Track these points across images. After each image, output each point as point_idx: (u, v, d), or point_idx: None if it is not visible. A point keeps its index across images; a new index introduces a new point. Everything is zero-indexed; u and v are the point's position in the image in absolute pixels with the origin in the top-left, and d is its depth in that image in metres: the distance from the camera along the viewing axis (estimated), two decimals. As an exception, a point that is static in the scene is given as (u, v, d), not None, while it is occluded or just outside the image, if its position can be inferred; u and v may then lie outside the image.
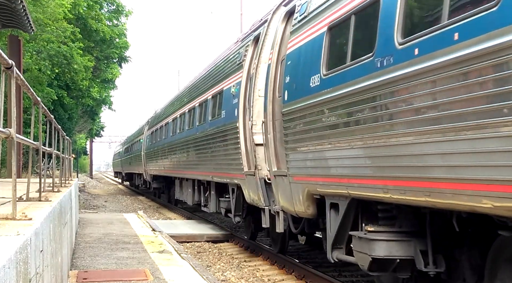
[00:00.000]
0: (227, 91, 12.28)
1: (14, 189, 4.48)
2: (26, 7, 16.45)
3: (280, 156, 8.88)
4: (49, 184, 8.99)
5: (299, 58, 8.06)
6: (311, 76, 7.40)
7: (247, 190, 10.76)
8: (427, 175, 5.02)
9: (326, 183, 7.10)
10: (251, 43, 11.17)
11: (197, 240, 14.54)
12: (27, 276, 3.44)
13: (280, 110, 8.65)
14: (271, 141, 9.15)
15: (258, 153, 9.96)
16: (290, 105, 8.13)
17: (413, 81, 5.10)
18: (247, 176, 10.57)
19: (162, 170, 23.25)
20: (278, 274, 10.40)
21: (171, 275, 8.20)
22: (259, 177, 9.88)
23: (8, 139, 4.45)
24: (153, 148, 26.15)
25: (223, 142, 12.34)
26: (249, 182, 10.51)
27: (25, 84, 5.56)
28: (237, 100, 11.25)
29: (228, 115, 11.98)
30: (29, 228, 3.83)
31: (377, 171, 5.83)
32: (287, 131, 8.28)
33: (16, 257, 3.06)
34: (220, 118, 12.67)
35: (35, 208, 5.44)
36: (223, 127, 12.30)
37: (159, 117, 26.24)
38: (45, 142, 8.46)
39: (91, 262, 9.36)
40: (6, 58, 4.25)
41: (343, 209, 6.81)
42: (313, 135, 7.33)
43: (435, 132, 4.85)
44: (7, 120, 10.17)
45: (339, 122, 6.60)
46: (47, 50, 23.56)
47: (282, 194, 8.79)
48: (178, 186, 20.66)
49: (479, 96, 4.37)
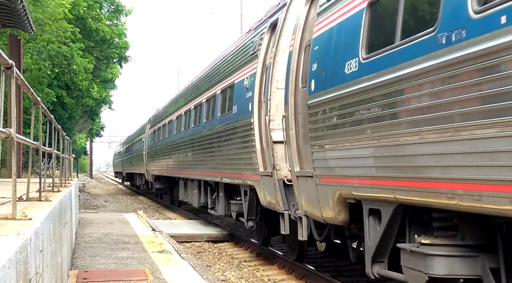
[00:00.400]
0: (239, 85, 11.36)
1: (14, 189, 4.48)
2: (26, 7, 16.45)
3: (303, 154, 7.99)
4: (49, 184, 8.99)
5: (330, 41, 7.03)
6: (346, 61, 6.39)
7: (262, 193, 9.94)
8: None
9: (365, 185, 6.10)
10: (267, 31, 10.26)
11: (197, 240, 14.54)
12: (27, 276, 3.44)
13: (304, 103, 7.74)
14: (292, 138, 8.20)
15: (277, 151, 9.12)
16: (317, 96, 7.18)
17: (497, 58, 4.10)
18: (262, 177, 9.78)
19: (165, 170, 22.40)
20: (278, 274, 10.40)
21: (171, 275, 8.20)
22: (278, 178, 9.05)
23: (8, 139, 4.45)
24: (156, 147, 25.32)
25: (235, 140, 11.50)
26: (265, 183, 9.71)
27: (25, 84, 5.56)
28: (251, 93, 10.39)
29: (240, 110, 11.11)
30: (29, 228, 3.83)
31: (442, 172, 4.79)
32: (313, 125, 7.34)
33: (16, 257, 3.06)
34: (231, 114, 11.81)
35: (35, 208, 5.44)
36: (235, 123, 11.45)
37: (161, 115, 25.37)
38: (45, 142, 8.46)
39: (91, 262, 9.36)
40: (6, 58, 4.25)
41: (387, 216, 5.85)
42: (349, 130, 6.33)
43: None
44: (7, 120, 10.16)
45: (387, 113, 5.55)
46: (47, 50, 23.56)
47: (306, 197, 7.86)
48: (182, 187, 19.87)
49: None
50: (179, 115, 19.50)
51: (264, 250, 12.20)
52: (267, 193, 9.66)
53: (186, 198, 19.30)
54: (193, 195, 17.27)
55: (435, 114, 4.78)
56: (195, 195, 16.98)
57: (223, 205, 13.58)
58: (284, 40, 9.43)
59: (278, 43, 9.52)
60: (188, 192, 18.63)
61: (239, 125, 11.08)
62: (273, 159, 9.15)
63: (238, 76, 11.66)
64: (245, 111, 10.68)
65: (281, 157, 8.98)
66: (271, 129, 9.26)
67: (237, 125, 11.24)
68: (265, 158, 9.79)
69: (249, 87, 10.58)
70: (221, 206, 13.72)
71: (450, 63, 4.61)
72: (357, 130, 6.16)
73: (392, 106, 5.46)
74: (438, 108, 4.75)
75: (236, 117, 11.40)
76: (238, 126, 11.16)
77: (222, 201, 13.63)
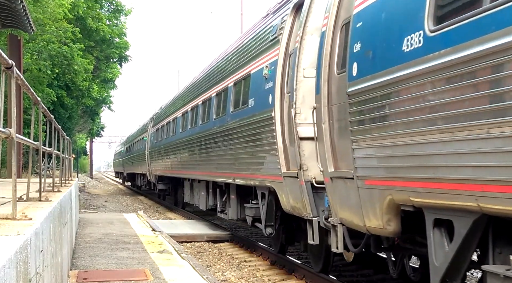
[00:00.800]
0: (257, 75, 10.31)
1: (14, 189, 4.48)
2: (26, 7, 16.46)
3: (339, 152, 6.93)
4: (49, 184, 8.99)
5: (379, 15, 5.89)
6: (405, 36, 5.26)
7: (284, 196, 8.89)
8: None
9: (432, 190, 4.95)
10: (291, 13, 9.23)
11: (197, 240, 14.54)
12: (27, 276, 3.44)
13: (341, 91, 6.69)
14: (325, 133, 7.11)
15: (304, 149, 8.03)
16: (362, 81, 6.03)
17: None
18: (285, 179, 8.75)
19: (169, 171, 21.36)
20: (278, 274, 10.40)
21: (171, 275, 8.20)
22: (305, 180, 7.96)
23: (8, 139, 4.45)
24: (159, 147, 24.22)
25: (251, 136, 10.44)
26: (288, 185, 8.67)
27: (25, 84, 5.56)
28: (271, 84, 9.38)
29: (258, 104, 10.06)
30: (29, 228, 3.83)
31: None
32: (355, 117, 6.20)
33: (16, 257, 3.06)
34: (246, 108, 10.75)
35: (35, 208, 5.44)
36: (251, 118, 10.37)
37: (166, 112, 24.13)
38: (45, 142, 8.45)
39: (91, 262, 9.36)
40: (6, 58, 4.25)
41: (464, 229, 4.74)
42: (408, 121, 5.19)
43: None
44: (7, 120, 10.16)
45: (470, 97, 4.38)
46: (47, 50, 23.58)
47: (342, 202, 6.75)
48: (188, 188, 18.89)
49: None
50: (185, 111, 18.41)
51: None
52: (291, 196, 8.63)
53: (192, 200, 18.39)
54: (200, 197, 16.39)
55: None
56: (202, 197, 16.08)
57: (235, 209, 12.60)
58: (312, 22, 8.35)
59: (305, 25, 8.39)
60: (194, 194, 17.73)
61: (256, 120, 10.03)
62: (300, 158, 8.04)
63: (255, 65, 10.61)
64: (264, 104, 9.63)
65: (309, 155, 7.95)
66: (297, 123, 8.13)
67: (254, 120, 10.18)
68: (288, 157, 8.85)
69: (268, 77, 9.58)
70: (232, 209, 12.74)
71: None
72: (421, 121, 5.00)
73: (481, 87, 4.29)
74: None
75: (252, 112, 10.35)
76: (255, 121, 10.10)
77: (234, 204, 12.66)
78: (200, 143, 15.24)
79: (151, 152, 26.86)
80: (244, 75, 11.33)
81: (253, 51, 10.93)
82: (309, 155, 7.98)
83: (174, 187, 24.06)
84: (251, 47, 11.22)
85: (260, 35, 10.66)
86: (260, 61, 10.25)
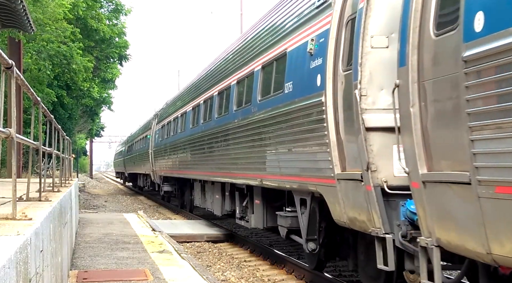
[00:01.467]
0: (296, 52, 8.59)
1: (14, 189, 4.48)
2: (26, 7, 16.46)
3: (438, 146, 5.25)
4: (49, 184, 8.99)
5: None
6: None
7: (338, 204, 7.13)
8: None
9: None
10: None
11: (197, 240, 14.54)
12: (27, 276, 3.44)
13: (444, 59, 5.08)
14: (415, 120, 5.44)
15: (372, 143, 6.33)
16: (495, 38, 4.25)
17: None
18: (340, 182, 7.02)
19: (177, 171, 19.63)
20: (278, 274, 10.40)
21: (171, 275, 8.20)
22: (373, 184, 6.23)
23: (8, 139, 4.45)
24: (165, 145, 22.47)
25: (287, 129, 8.72)
26: (344, 190, 6.94)
27: (25, 84, 5.56)
28: (320, 60, 7.58)
29: (299, 88, 8.33)
30: (29, 228, 3.83)
31: None
32: (480, 93, 4.46)
33: (16, 257, 3.06)
34: (281, 95, 9.06)
35: (35, 208, 5.44)
36: (288, 106, 8.67)
37: (172, 107, 22.24)
38: (45, 142, 8.46)
39: (91, 262, 9.36)
40: (6, 58, 4.25)
41: None
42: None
43: None
44: (7, 120, 10.16)
45: None
46: (47, 50, 23.58)
47: (444, 216, 5.09)
48: (199, 190, 17.14)
49: None
50: (197, 105, 16.54)
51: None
52: (349, 205, 6.88)
53: (204, 204, 16.59)
54: (214, 201, 14.72)
55: None
56: (217, 200, 14.42)
57: (260, 216, 10.87)
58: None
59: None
60: (206, 197, 16.00)
61: (297, 108, 8.32)
62: (367, 154, 6.30)
63: (293, 41, 8.80)
64: (309, 87, 7.89)
65: (379, 151, 6.32)
66: (363, 109, 6.37)
67: (293, 109, 8.49)
68: (343, 154, 7.09)
69: (315, 52, 7.79)
70: (256, 216, 11.05)
71: None
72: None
73: None
74: None
75: (290, 98, 8.62)
76: (295, 109, 8.40)
77: (258, 210, 10.96)
78: (215, 139, 13.57)
79: (156, 151, 25.18)
80: (277, 54, 9.59)
81: (290, 24, 9.08)
82: (378, 151, 6.33)
83: (181, 189, 22.25)
84: (286, 19, 9.34)
85: (300, 3, 8.78)
86: (302, 35, 8.43)
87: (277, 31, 9.84)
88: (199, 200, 17.19)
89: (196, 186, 17.65)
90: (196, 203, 18.16)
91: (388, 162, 6.27)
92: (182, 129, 18.87)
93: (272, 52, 9.91)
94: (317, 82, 7.63)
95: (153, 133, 26.81)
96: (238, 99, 11.93)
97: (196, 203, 17.97)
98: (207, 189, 15.85)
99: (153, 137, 26.39)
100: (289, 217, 9.25)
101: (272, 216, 10.51)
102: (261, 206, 10.85)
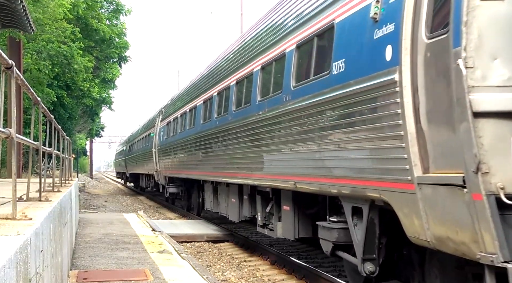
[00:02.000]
0: (350, 22, 6.90)
1: (14, 189, 4.48)
2: (26, 7, 16.47)
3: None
4: (49, 184, 8.99)
5: None
6: None
7: (417, 217, 5.45)
8: None
9: None
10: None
11: (197, 240, 14.54)
12: (27, 276, 3.44)
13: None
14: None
15: (482, 134, 4.68)
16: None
17: None
18: (423, 187, 5.31)
19: (185, 171, 17.94)
20: (278, 274, 10.40)
21: (171, 275, 8.20)
22: (485, 191, 4.57)
23: (8, 139, 4.45)
24: (171, 143, 20.81)
25: (337, 119, 7.00)
26: (429, 199, 5.26)
27: (25, 84, 5.56)
28: (390, 27, 5.93)
29: (355, 66, 6.62)
30: (29, 228, 3.83)
31: None
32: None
33: (16, 257, 3.06)
34: (328, 77, 7.29)
35: (35, 208, 5.44)
36: (339, 91, 6.89)
37: (180, 102, 20.38)
38: (45, 142, 8.46)
39: (91, 262, 9.36)
40: (6, 58, 4.25)
41: None
42: None
43: None
44: (7, 120, 10.16)
45: None
46: (47, 50, 23.60)
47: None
48: (210, 192, 15.55)
49: None
50: (209, 98, 14.76)
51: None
52: (437, 219, 5.19)
53: (216, 208, 14.98)
54: (230, 205, 13.12)
55: None
56: (233, 205, 12.83)
57: (290, 225, 9.42)
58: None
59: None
60: (220, 200, 14.41)
61: (353, 91, 6.58)
62: (476, 150, 4.65)
63: (345, 7, 7.08)
64: (373, 64, 6.21)
65: (493, 145, 4.68)
66: (469, 86, 4.71)
67: (346, 93, 6.73)
68: (425, 150, 5.42)
69: (383, 17, 6.15)
70: (285, 225, 9.60)
71: None
72: None
73: None
74: None
75: (342, 80, 6.88)
76: (350, 94, 6.64)
77: (288, 218, 9.46)
78: (232, 135, 11.99)
79: (161, 149, 23.41)
80: (319, 28, 7.84)
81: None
82: (491, 145, 4.67)
83: (188, 190, 20.54)
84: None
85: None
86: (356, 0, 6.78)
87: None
88: (211, 204, 15.47)
89: (207, 188, 15.88)
90: (207, 207, 16.37)
91: (506, 161, 4.63)
92: (191, 125, 17.06)
93: (313, 25, 8.06)
94: (385, 56, 5.93)
95: (157, 130, 25.26)
96: (262, 88, 10.31)
97: (207, 206, 16.20)
98: (220, 191, 14.24)
99: (157, 135, 24.83)
100: (336, 229, 7.48)
101: (305, 226, 9.15)
102: (292, 213, 9.31)
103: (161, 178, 23.43)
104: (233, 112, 12.11)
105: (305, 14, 8.44)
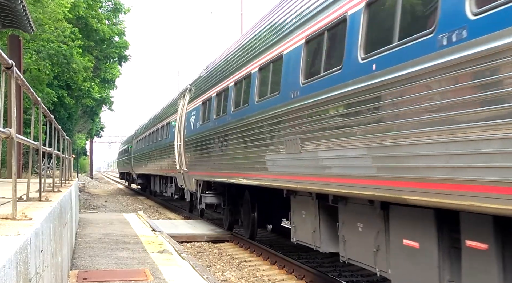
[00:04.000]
0: None
1: (14, 189, 4.48)
2: (26, 7, 16.47)
3: None
4: (49, 184, 8.99)
5: None
6: None
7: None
8: None
9: None
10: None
11: (197, 240, 14.54)
12: (27, 276, 3.44)
13: None
14: None
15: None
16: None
17: None
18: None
19: (235, 174, 11.82)
20: (278, 274, 10.40)
21: (171, 275, 8.20)
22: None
23: (8, 139, 4.45)
24: (211, 131, 14.06)
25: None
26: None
27: (25, 84, 5.56)
28: None
29: None
30: (29, 228, 3.83)
31: None
32: None
33: (16, 257, 3.06)
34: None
35: (35, 208, 5.44)
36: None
37: (223, 71, 13.62)
38: (45, 142, 8.45)
39: (91, 262, 9.36)
40: (6, 58, 4.25)
41: None
42: None
43: None
44: (7, 120, 10.15)
45: None
46: (47, 49, 23.61)
47: None
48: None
49: None
50: (274, 59, 9.48)
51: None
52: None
53: (303, 236, 9.24)
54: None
55: None
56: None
57: None
58: None
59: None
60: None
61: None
62: None
63: None
64: None
65: None
66: None
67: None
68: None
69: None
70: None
71: None
72: None
73: None
74: None
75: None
76: None
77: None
78: (349, 112, 6.64)
79: (189, 142, 16.87)
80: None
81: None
82: None
83: (233, 200, 14.85)
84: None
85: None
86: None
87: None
88: (301, 231, 9.38)
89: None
90: (298, 239, 9.53)
91: None
92: (245, 103, 11.12)
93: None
94: None
95: (182, 117, 18.53)
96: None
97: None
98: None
99: (183, 122, 18.17)
100: None
101: None
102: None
103: (190, 182, 17.14)
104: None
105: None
